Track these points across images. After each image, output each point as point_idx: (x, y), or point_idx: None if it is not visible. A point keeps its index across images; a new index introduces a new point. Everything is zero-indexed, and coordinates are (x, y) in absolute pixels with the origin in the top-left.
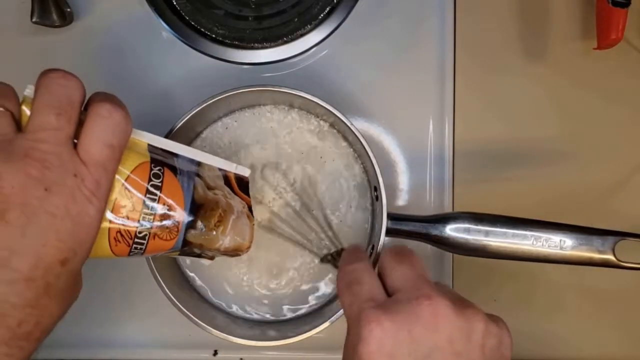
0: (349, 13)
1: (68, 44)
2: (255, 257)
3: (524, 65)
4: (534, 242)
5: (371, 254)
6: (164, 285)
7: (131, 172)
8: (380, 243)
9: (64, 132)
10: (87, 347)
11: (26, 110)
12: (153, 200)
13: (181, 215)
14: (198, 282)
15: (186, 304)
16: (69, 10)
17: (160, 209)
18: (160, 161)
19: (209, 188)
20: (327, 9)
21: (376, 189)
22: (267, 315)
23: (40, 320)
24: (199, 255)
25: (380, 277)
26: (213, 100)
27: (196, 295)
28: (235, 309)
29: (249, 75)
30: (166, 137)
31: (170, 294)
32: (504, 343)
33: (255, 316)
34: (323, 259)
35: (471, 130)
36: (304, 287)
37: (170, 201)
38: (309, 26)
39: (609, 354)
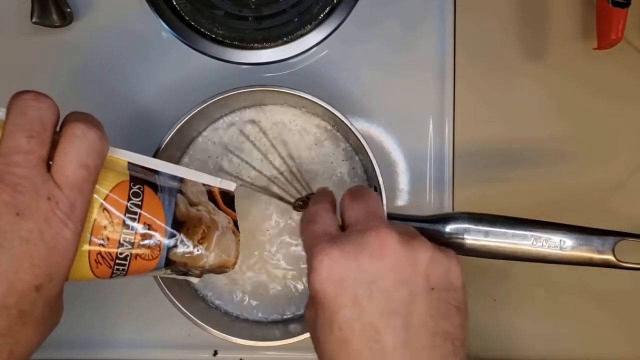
0: (349, 13)
1: (68, 44)
2: (256, 258)
3: (523, 65)
4: (534, 242)
5: None
6: (164, 286)
7: (110, 192)
8: None
9: (35, 155)
10: (87, 347)
11: None
12: (133, 219)
13: (163, 234)
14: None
15: (186, 304)
16: (69, 10)
17: (140, 228)
18: (140, 179)
19: (192, 204)
20: (327, 9)
21: (376, 189)
22: (267, 316)
23: (14, 348)
24: (185, 274)
25: (341, 216)
26: (213, 100)
27: (196, 295)
28: (235, 309)
29: (249, 76)
30: (166, 136)
31: (170, 294)
32: (452, 270)
33: (255, 317)
34: (295, 206)
35: (471, 130)
36: (304, 287)
37: (151, 220)
38: (309, 26)
39: (609, 354)
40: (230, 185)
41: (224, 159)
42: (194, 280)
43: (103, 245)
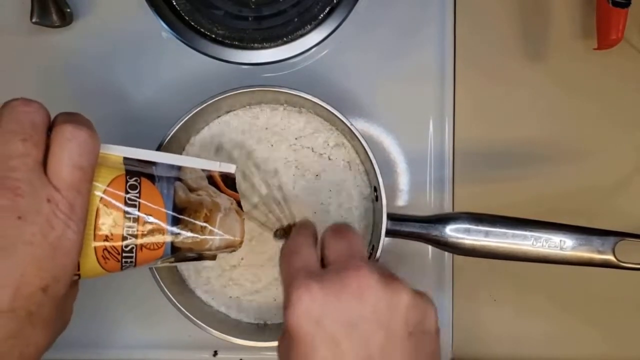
0: (349, 13)
1: (68, 44)
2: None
3: (523, 65)
4: (534, 243)
5: (370, 254)
6: (164, 286)
7: (107, 187)
8: (380, 244)
9: (31, 158)
10: (87, 347)
11: None
12: (133, 211)
13: (164, 222)
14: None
15: (186, 304)
16: (68, 10)
17: (141, 219)
18: (136, 172)
19: (192, 190)
20: (327, 9)
21: (376, 189)
22: (267, 318)
23: (24, 350)
24: (197, 259)
25: (321, 252)
26: (213, 100)
27: (196, 295)
28: (235, 311)
29: (249, 76)
30: (166, 137)
31: (170, 295)
32: (429, 316)
33: (255, 319)
34: (276, 234)
35: (471, 131)
36: None
37: (151, 209)
38: (309, 26)
39: (609, 354)
40: (229, 168)
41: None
42: (209, 262)
43: (108, 240)
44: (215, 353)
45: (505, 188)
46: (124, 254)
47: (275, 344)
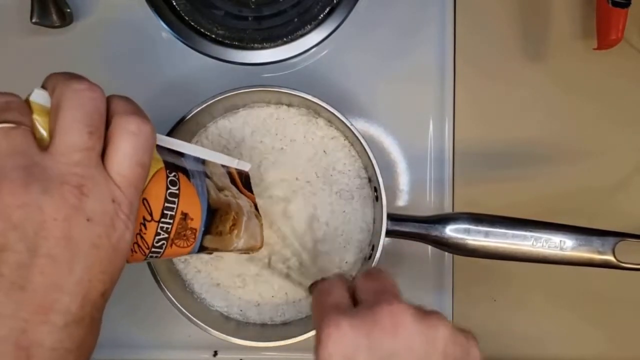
0: (349, 13)
1: (68, 44)
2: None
3: (523, 65)
4: (534, 243)
5: (370, 254)
6: (164, 286)
7: (149, 182)
8: (380, 243)
9: (95, 152)
10: None
11: (39, 121)
12: (171, 209)
13: (198, 222)
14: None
15: (186, 304)
16: (68, 10)
17: (178, 217)
18: (173, 165)
19: (219, 189)
20: (327, 9)
21: (376, 189)
22: (267, 319)
23: (82, 358)
24: (211, 253)
25: (353, 295)
26: (213, 100)
27: (196, 295)
28: (234, 311)
29: (249, 76)
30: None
31: (170, 295)
32: (472, 355)
33: (255, 319)
34: (311, 291)
35: (471, 131)
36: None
37: (187, 208)
38: (309, 26)
39: (609, 354)
40: (244, 165)
41: None
42: (223, 254)
43: (140, 235)
44: (215, 353)
45: (505, 188)
46: (153, 249)
47: (275, 344)
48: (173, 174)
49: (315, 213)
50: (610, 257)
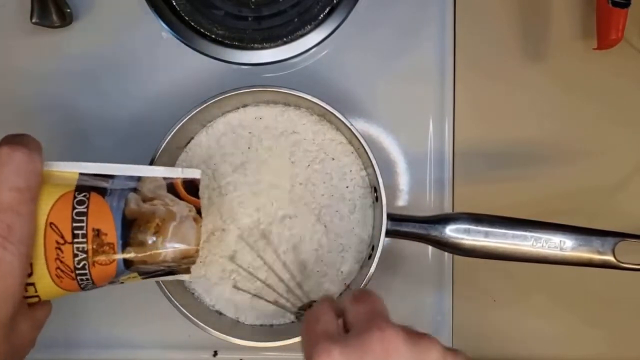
0: (349, 13)
1: (68, 45)
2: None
3: (523, 65)
4: (534, 243)
5: (370, 255)
6: (164, 286)
7: (53, 206)
8: (380, 244)
9: None
10: (87, 347)
11: None
12: (81, 227)
13: (113, 236)
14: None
15: (186, 304)
16: (68, 10)
17: (90, 234)
18: (87, 187)
19: (146, 200)
20: (327, 9)
21: (376, 189)
22: (267, 321)
23: None
24: (168, 274)
25: (343, 319)
26: (213, 100)
27: (196, 295)
28: (234, 311)
29: (249, 76)
30: (166, 137)
31: (170, 295)
32: None
33: (255, 321)
34: (297, 315)
35: (471, 131)
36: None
37: (99, 224)
38: (309, 26)
39: (610, 354)
40: (195, 173)
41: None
42: (185, 277)
43: (59, 260)
44: (215, 353)
45: (505, 188)
46: (77, 272)
47: (275, 344)
48: (83, 194)
49: (314, 228)
50: (610, 257)
